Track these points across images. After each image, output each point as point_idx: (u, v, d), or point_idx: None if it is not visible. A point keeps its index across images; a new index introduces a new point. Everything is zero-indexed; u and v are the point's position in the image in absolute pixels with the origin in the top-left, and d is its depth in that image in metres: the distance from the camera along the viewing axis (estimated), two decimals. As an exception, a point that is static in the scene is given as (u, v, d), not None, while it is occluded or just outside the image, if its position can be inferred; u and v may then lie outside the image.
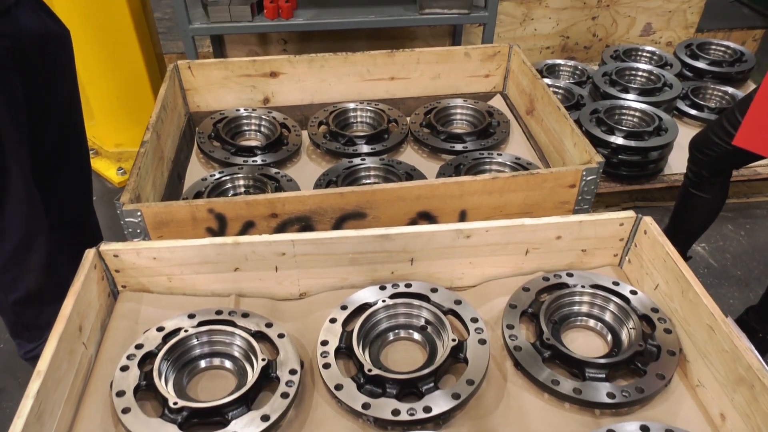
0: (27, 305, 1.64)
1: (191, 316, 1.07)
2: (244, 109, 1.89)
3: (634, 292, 1.13)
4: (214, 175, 1.60)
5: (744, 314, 1.89)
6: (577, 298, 1.13)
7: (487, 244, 1.18)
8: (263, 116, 1.87)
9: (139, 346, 1.01)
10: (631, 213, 1.19)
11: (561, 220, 1.17)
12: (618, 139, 2.22)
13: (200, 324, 1.06)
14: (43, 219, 1.57)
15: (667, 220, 2.09)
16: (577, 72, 2.84)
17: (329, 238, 1.12)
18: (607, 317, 1.11)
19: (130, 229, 1.25)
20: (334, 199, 1.30)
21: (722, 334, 0.94)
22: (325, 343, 1.03)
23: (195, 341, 1.04)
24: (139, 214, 1.24)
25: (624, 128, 2.24)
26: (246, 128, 1.88)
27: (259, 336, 1.05)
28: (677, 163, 2.49)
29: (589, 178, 1.38)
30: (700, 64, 2.89)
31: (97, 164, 2.75)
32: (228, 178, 1.59)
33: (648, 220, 1.16)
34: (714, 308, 0.97)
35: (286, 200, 1.28)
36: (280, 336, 1.05)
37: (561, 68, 2.87)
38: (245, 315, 1.09)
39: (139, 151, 1.40)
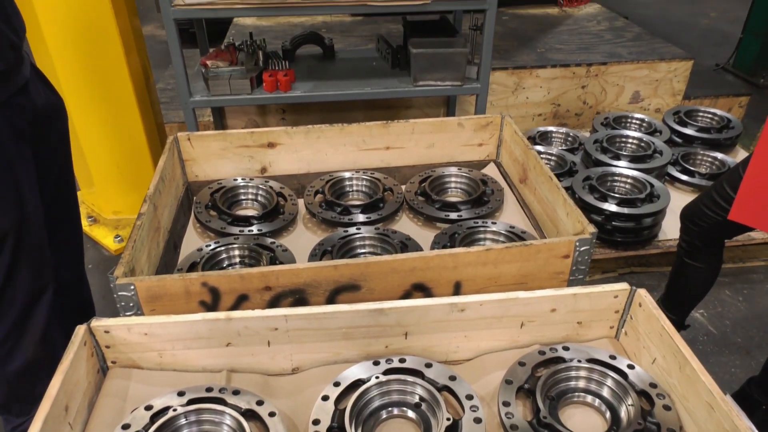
0: (23, 375, 1.62)
1: (181, 394, 1.05)
2: (242, 179, 1.91)
3: (631, 366, 1.11)
4: (210, 245, 1.60)
5: (746, 385, 1.85)
6: (573, 373, 1.11)
7: (482, 317, 1.17)
8: (260, 185, 1.89)
9: (125, 427, 0.98)
10: (625, 285, 1.18)
11: (555, 293, 1.17)
12: (611, 206, 2.24)
13: (189, 402, 1.03)
14: (49, 275, 1.60)
15: (664, 285, 2.08)
16: (569, 139, 2.90)
17: (322, 313, 1.11)
18: (605, 393, 1.09)
19: (123, 303, 1.24)
20: (328, 272, 1.30)
21: (722, 412, 0.92)
22: (317, 422, 1.01)
23: (183, 420, 1.01)
24: (132, 287, 1.23)
25: (617, 195, 2.27)
26: (243, 197, 1.90)
27: (250, 415, 1.03)
28: (671, 228, 2.50)
29: (582, 249, 1.39)
30: (689, 131, 2.96)
31: (95, 232, 2.76)
32: (223, 248, 1.59)
33: (642, 293, 1.16)
34: (712, 385, 0.95)
35: (280, 273, 1.28)
36: (271, 414, 1.02)
37: (553, 135, 2.93)
38: (236, 392, 1.06)
39: (135, 224, 1.41)
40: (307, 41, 2.67)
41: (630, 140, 2.69)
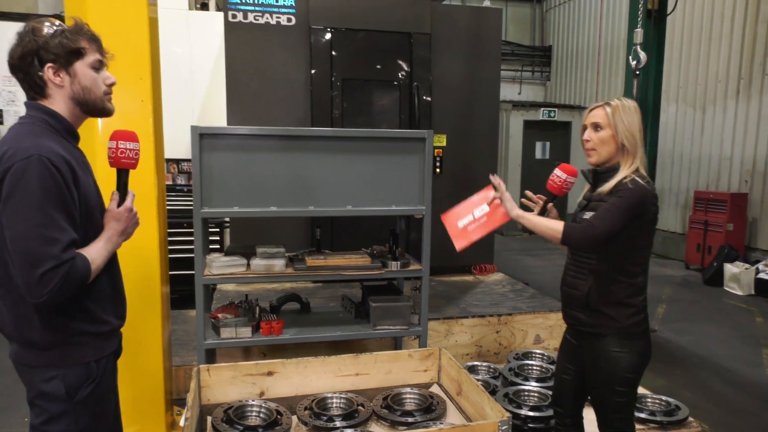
0: None
1: None
2: (245, 401, 2.35)
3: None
4: (235, 446, 2.00)
5: None
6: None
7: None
8: (262, 405, 2.34)
9: None
10: (531, 443, 1.70)
11: (487, 450, 1.67)
12: (525, 412, 2.78)
13: None
14: None
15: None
16: (491, 370, 3.51)
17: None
18: None
19: (186, 476, 1.62)
20: (332, 448, 1.74)
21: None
22: None
23: None
24: (193, 464, 1.63)
25: (528, 404, 2.83)
26: (249, 413, 2.32)
27: None
28: None
29: (503, 428, 1.91)
30: (580, 363, 3.65)
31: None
32: (245, 447, 1.99)
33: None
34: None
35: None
36: None
37: (479, 367, 3.54)
38: None
39: (185, 426, 1.84)
40: (289, 300, 3.33)
41: (535, 367, 3.33)
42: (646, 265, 2.23)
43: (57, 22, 1.67)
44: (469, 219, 2.43)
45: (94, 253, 1.66)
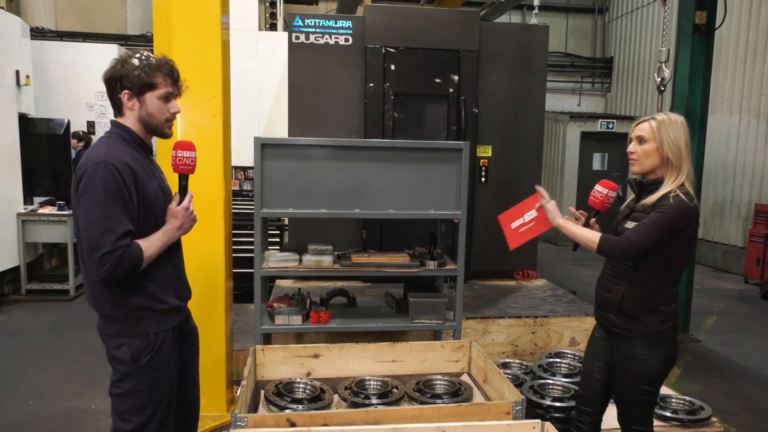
0: None
1: None
2: (293, 378, 2.64)
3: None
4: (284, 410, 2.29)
5: None
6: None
7: (454, 438, 1.84)
8: (308, 382, 2.62)
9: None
10: (537, 421, 1.89)
11: (496, 423, 1.87)
12: (548, 402, 2.93)
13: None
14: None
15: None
16: (523, 366, 3.66)
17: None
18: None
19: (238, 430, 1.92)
20: (361, 415, 2.00)
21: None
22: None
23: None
24: (245, 419, 1.93)
25: (551, 395, 2.98)
26: (296, 389, 2.61)
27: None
28: None
29: (517, 408, 2.09)
30: (614, 366, 3.73)
31: None
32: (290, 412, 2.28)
33: (548, 425, 1.86)
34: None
35: (334, 415, 1.98)
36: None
37: (512, 364, 3.70)
38: None
39: (241, 393, 2.15)
40: (337, 294, 3.62)
41: (563, 364, 3.45)
42: (681, 276, 2.33)
43: (145, 55, 2.03)
44: (520, 221, 2.63)
45: (149, 243, 1.98)
